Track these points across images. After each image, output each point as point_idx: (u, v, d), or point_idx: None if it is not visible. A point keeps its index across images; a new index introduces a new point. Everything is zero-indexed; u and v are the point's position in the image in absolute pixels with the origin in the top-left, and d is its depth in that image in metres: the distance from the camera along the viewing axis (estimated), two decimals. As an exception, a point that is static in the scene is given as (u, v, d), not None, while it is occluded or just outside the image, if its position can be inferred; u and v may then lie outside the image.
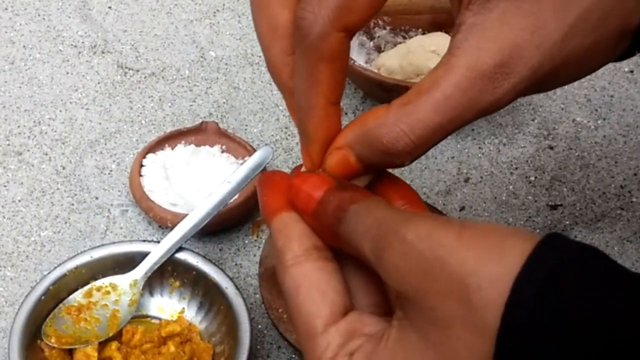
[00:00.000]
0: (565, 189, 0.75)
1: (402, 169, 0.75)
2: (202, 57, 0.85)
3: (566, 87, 0.84)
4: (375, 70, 0.79)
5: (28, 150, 0.76)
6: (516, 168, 0.77)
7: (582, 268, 0.29)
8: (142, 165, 0.72)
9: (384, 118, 0.37)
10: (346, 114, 0.80)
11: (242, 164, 0.70)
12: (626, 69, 0.86)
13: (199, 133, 0.75)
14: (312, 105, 0.38)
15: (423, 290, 0.32)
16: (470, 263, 0.30)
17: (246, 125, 0.79)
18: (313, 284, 0.36)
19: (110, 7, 0.90)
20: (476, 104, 0.36)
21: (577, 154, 0.78)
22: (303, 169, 0.40)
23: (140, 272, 0.62)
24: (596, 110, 0.82)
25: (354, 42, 0.82)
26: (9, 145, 0.76)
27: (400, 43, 0.82)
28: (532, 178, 0.76)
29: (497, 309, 0.29)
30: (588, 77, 0.86)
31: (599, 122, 0.81)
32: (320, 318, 0.36)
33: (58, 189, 0.73)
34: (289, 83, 0.39)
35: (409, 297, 0.33)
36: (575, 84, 0.84)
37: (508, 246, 0.30)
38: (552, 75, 0.37)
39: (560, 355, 0.28)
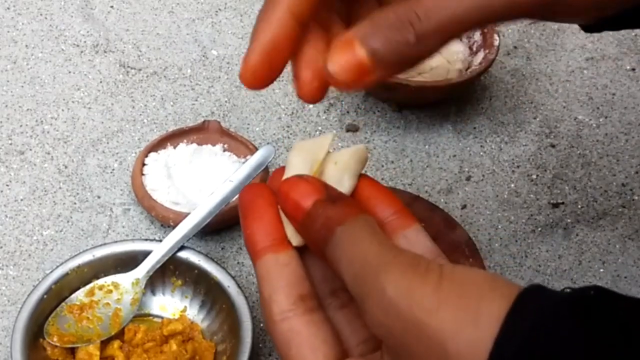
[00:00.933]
0: (567, 187, 0.75)
1: (404, 167, 0.75)
2: (204, 56, 0.85)
3: (567, 85, 0.84)
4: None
5: (30, 150, 0.76)
6: (518, 166, 0.77)
7: (556, 332, 0.29)
8: (144, 164, 0.72)
9: (391, 4, 0.36)
10: (348, 112, 0.80)
11: (244, 162, 0.70)
12: (628, 67, 0.86)
13: (201, 132, 0.75)
14: (273, 5, 0.37)
15: (403, 345, 0.32)
16: (449, 327, 0.31)
17: (248, 124, 0.79)
18: (303, 341, 0.36)
19: (112, 7, 0.90)
20: None
21: (578, 152, 0.78)
22: (287, 173, 0.39)
23: (142, 270, 0.63)
24: (598, 108, 0.82)
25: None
26: (11, 144, 0.77)
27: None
28: (534, 176, 0.76)
29: None
30: (590, 75, 0.86)
31: (601, 120, 0.81)
32: None
33: (60, 188, 0.74)
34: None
35: (391, 348, 0.33)
36: (577, 81, 0.84)
37: (484, 307, 0.31)
38: None
39: None
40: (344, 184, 0.40)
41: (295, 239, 0.38)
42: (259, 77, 0.38)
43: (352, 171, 0.40)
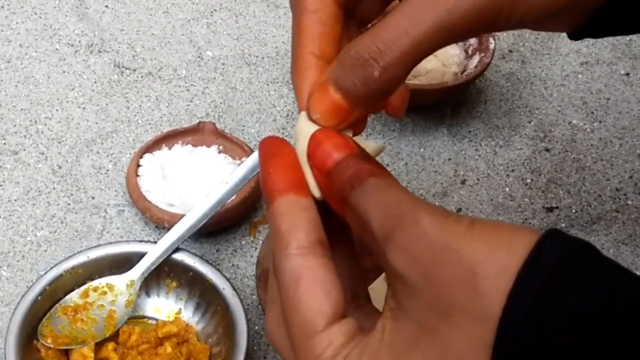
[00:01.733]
0: (561, 192, 0.75)
1: (399, 169, 0.75)
2: (199, 57, 0.85)
3: (562, 89, 0.84)
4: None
5: (24, 150, 0.76)
6: (512, 170, 0.77)
7: (583, 263, 0.30)
8: (139, 165, 0.71)
9: (353, 40, 0.38)
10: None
11: (239, 164, 0.70)
12: (622, 72, 0.86)
13: (196, 133, 0.74)
14: (295, 56, 0.39)
15: (428, 277, 0.32)
16: (480, 253, 0.31)
17: (243, 126, 0.79)
18: (317, 279, 0.35)
19: (107, 6, 0.90)
20: (435, 7, 0.36)
21: (573, 156, 0.78)
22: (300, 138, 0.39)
23: (137, 272, 0.62)
24: (592, 112, 0.82)
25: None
26: (4, 144, 0.76)
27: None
28: (529, 180, 0.76)
29: (502, 299, 0.30)
30: (584, 79, 0.87)
31: (595, 124, 0.81)
32: (322, 315, 0.34)
33: (54, 188, 0.73)
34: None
35: (410, 282, 0.32)
36: (572, 86, 0.84)
37: (515, 239, 0.31)
38: None
39: (559, 348, 0.29)
40: None
41: (316, 192, 0.38)
42: (330, 115, 0.39)
43: None
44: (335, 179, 0.36)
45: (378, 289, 0.52)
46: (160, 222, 0.68)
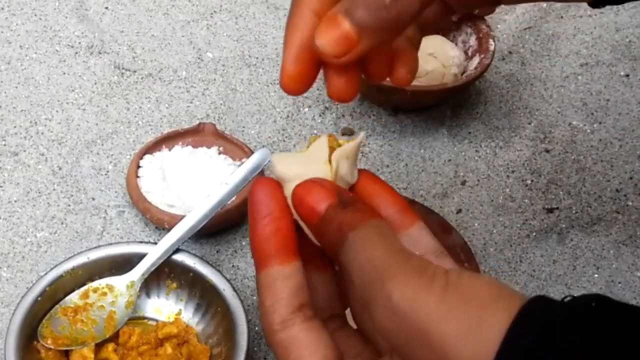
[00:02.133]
0: (561, 193, 0.75)
1: (400, 170, 0.75)
2: (199, 58, 0.85)
3: (562, 90, 0.84)
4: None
5: (24, 151, 0.76)
6: (513, 171, 0.77)
7: (556, 348, 0.30)
8: (139, 166, 0.71)
9: None
10: (343, 116, 0.80)
11: (239, 165, 0.70)
12: (622, 73, 0.86)
13: (196, 134, 0.74)
14: (295, 10, 0.39)
15: (408, 353, 0.33)
16: (452, 338, 0.31)
17: (243, 127, 0.79)
18: (303, 346, 0.36)
19: (107, 8, 0.90)
20: None
21: (573, 157, 0.78)
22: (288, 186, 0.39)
23: (137, 273, 0.62)
24: (592, 114, 0.82)
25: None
26: (5, 145, 0.76)
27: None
28: (529, 181, 0.76)
29: None
30: (584, 81, 0.87)
31: (595, 125, 0.81)
32: None
33: (54, 189, 0.73)
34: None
35: (397, 350, 0.34)
36: (572, 87, 0.84)
37: (487, 319, 0.31)
38: None
39: None
40: (354, 176, 0.41)
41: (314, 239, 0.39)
42: (298, 81, 0.39)
43: (356, 162, 0.41)
44: (324, 234, 0.37)
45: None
46: (161, 223, 0.68)
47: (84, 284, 0.62)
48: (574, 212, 0.74)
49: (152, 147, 0.73)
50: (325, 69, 0.40)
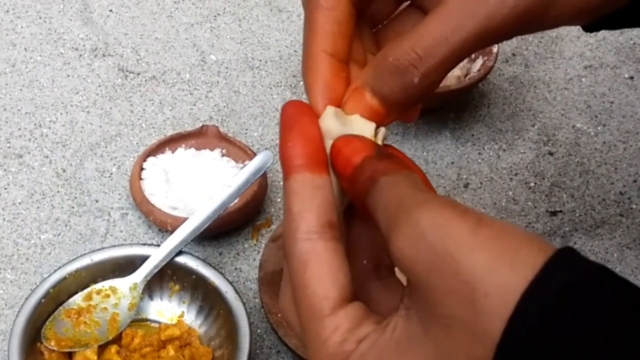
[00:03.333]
0: (565, 195, 0.75)
1: (402, 174, 0.75)
2: (202, 60, 0.85)
3: (566, 93, 0.84)
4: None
5: (29, 153, 0.76)
6: (516, 174, 0.77)
7: (590, 292, 0.29)
8: (142, 169, 0.72)
9: (390, 44, 0.38)
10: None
11: (242, 168, 0.70)
12: (626, 75, 0.86)
13: (199, 137, 0.75)
14: (308, 53, 0.39)
15: (428, 283, 0.31)
16: (481, 266, 0.29)
17: (246, 129, 0.79)
18: (324, 264, 0.35)
19: (111, 11, 0.90)
20: (475, 13, 0.36)
21: (576, 160, 0.78)
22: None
23: (140, 275, 0.63)
24: (596, 116, 0.82)
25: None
26: (9, 147, 0.76)
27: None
28: (532, 184, 0.76)
29: (501, 321, 0.29)
30: (588, 83, 0.87)
31: (599, 128, 0.81)
32: (328, 300, 0.34)
33: (58, 191, 0.73)
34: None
35: (414, 285, 0.32)
36: (575, 89, 0.84)
37: (522, 255, 0.30)
38: None
39: None
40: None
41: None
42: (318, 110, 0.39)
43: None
44: (355, 185, 0.36)
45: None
46: (164, 225, 0.68)
47: (87, 286, 0.63)
48: (577, 215, 0.74)
49: (156, 150, 0.73)
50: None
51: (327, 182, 0.37)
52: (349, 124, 0.39)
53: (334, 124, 0.38)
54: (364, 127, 0.39)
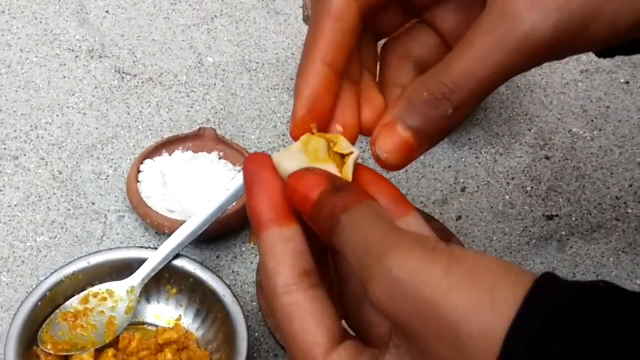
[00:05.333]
0: (561, 200, 0.76)
1: (400, 177, 0.75)
2: (199, 63, 0.85)
3: (562, 97, 0.84)
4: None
5: (24, 155, 0.76)
6: (513, 178, 0.77)
7: (573, 322, 0.29)
8: (139, 171, 0.71)
9: (422, 78, 0.38)
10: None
11: (239, 171, 0.70)
12: (622, 80, 0.86)
13: (196, 139, 0.74)
14: (306, 58, 0.39)
15: (412, 329, 0.31)
16: (461, 309, 0.30)
17: (244, 132, 0.79)
18: (307, 314, 0.35)
19: (107, 12, 0.90)
20: (504, 42, 0.36)
21: (573, 164, 0.78)
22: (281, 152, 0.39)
23: (137, 278, 0.62)
24: (592, 121, 0.82)
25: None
26: (5, 149, 0.76)
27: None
28: (529, 188, 0.76)
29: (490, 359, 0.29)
30: (584, 88, 0.87)
31: (595, 133, 0.81)
32: (319, 346, 0.35)
33: (55, 194, 0.73)
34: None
35: (399, 329, 0.32)
36: (572, 94, 0.85)
37: (500, 291, 0.30)
38: (591, 12, 0.36)
39: None
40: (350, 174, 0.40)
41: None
42: (308, 130, 0.39)
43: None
44: (318, 223, 0.36)
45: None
46: (161, 228, 0.68)
47: (84, 289, 0.62)
48: (574, 219, 0.74)
49: (153, 152, 0.73)
50: (330, 128, 0.40)
51: (296, 232, 0.37)
52: (300, 155, 0.39)
53: (295, 164, 0.38)
54: (318, 151, 0.39)
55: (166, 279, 0.64)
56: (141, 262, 0.63)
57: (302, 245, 0.37)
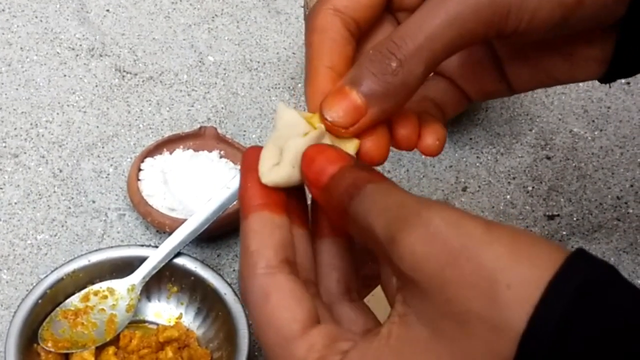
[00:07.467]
0: (562, 200, 0.75)
1: (401, 176, 0.75)
2: (200, 61, 0.85)
3: (563, 97, 0.84)
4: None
5: (25, 153, 0.76)
6: (514, 178, 0.77)
7: (613, 287, 0.29)
8: (140, 170, 0.71)
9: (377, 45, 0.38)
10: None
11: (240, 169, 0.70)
12: (623, 81, 0.86)
13: (197, 138, 0.74)
14: (309, 67, 0.40)
15: (441, 279, 0.30)
16: (502, 260, 0.29)
17: (244, 131, 0.79)
18: (287, 292, 0.34)
19: (108, 10, 0.90)
20: (440, 10, 0.37)
21: (574, 164, 0.78)
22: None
23: (138, 276, 0.62)
24: (593, 121, 0.82)
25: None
26: (5, 147, 0.76)
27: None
28: (530, 188, 0.76)
29: (525, 311, 0.28)
30: (585, 88, 0.87)
31: (596, 133, 0.81)
32: (297, 322, 0.34)
33: (55, 192, 0.73)
34: None
35: (420, 285, 0.31)
36: (573, 94, 0.85)
37: (539, 251, 0.30)
38: (506, 10, 0.38)
39: None
40: None
41: (266, 177, 0.38)
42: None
43: None
44: (333, 192, 0.35)
45: (377, 297, 0.52)
46: (162, 226, 0.68)
47: (84, 287, 0.62)
48: (574, 219, 0.74)
49: (153, 151, 0.73)
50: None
51: (285, 223, 0.37)
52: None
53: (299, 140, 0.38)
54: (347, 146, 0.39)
55: (167, 277, 0.64)
56: (142, 260, 0.63)
57: (288, 237, 0.37)
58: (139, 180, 0.71)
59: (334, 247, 0.40)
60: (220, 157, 0.74)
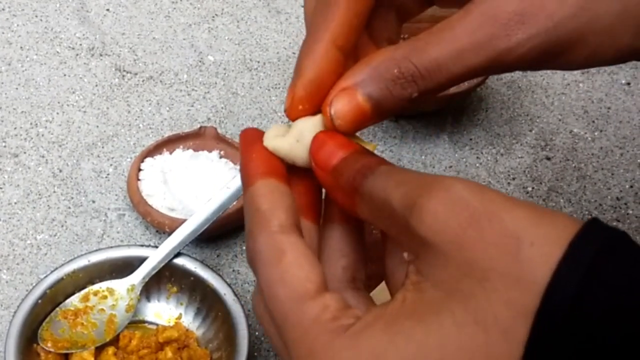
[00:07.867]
0: (562, 200, 0.75)
1: (401, 177, 0.75)
2: (200, 61, 0.85)
3: (563, 98, 0.84)
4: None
5: (24, 152, 0.76)
6: (513, 178, 0.77)
7: (633, 244, 0.29)
8: (140, 170, 0.71)
9: (392, 53, 0.37)
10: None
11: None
12: (623, 81, 0.86)
13: (197, 138, 0.74)
14: (315, 37, 0.38)
15: (462, 239, 0.30)
16: (525, 220, 0.30)
17: (244, 131, 0.79)
18: (302, 252, 0.34)
19: (108, 10, 0.90)
20: (484, 49, 0.35)
21: (574, 165, 0.78)
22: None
23: (137, 277, 0.62)
24: (593, 122, 0.82)
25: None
26: (5, 147, 0.76)
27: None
28: (530, 188, 0.76)
29: (548, 266, 0.29)
30: (585, 88, 0.87)
31: (596, 133, 0.81)
32: (312, 282, 0.33)
33: (55, 191, 0.73)
34: None
35: (439, 248, 0.31)
36: (573, 95, 0.85)
37: (558, 217, 0.30)
38: (575, 39, 0.36)
39: (610, 318, 0.28)
40: None
41: (269, 141, 0.38)
42: (305, 110, 0.38)
43: None
44: (344, 172, 0.35)
45: (377, 298, 0.52)
46: (161, 226, 0.68)
47: (84, 287, 0.62)
48: (574, 219, 0.74)
49: (153, 151, 0.73)
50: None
51: (291, 194, 0.36)
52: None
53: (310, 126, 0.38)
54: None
55: (166, 278, 0.63)
56: (141, 260, 0.62)
57: (295, 206, 0.36)
58: (138, 180, 0.71)
59: (344, 234, 0.39)
60: (220, 157, 0.74)
